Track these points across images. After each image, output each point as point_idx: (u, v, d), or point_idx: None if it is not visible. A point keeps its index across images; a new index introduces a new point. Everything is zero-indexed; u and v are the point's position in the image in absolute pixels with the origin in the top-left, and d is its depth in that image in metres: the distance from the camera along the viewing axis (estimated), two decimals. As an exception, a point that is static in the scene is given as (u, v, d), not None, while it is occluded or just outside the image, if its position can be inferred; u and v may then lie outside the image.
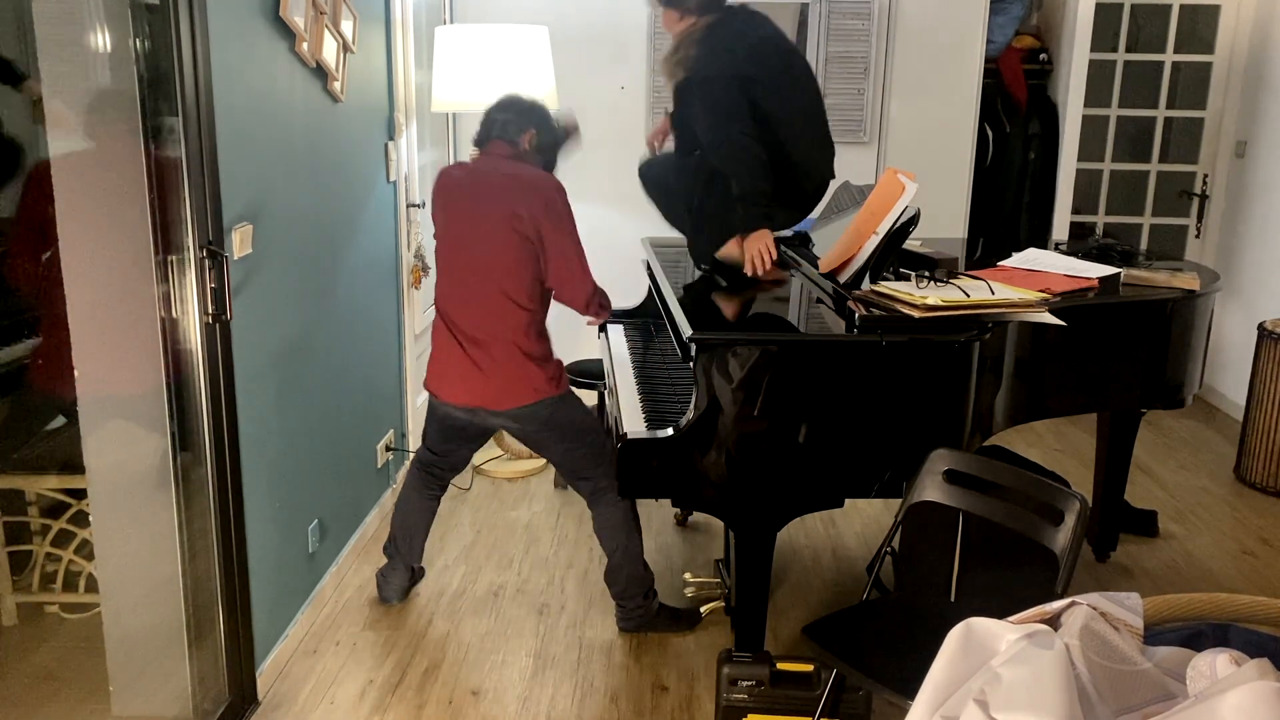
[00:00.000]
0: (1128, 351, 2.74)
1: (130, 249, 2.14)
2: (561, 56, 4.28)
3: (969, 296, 2.37)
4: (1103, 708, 1.14)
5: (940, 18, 4.47)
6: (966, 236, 4.62)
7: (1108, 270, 2.88)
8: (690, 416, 2.24)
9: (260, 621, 2.54)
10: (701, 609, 2.87)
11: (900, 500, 2.26)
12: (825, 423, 2.25)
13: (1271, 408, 3.84)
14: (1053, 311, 2.44)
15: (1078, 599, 1.28)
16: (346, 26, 2.99)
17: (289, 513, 2.73)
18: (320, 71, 2.84)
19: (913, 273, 2.52)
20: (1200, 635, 1.35)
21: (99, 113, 2.11)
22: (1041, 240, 3.84)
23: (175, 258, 2.16)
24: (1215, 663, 1.14)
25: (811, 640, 2.03)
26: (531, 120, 2.71)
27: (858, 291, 2.44)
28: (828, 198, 3.02)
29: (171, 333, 2.20)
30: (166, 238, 2.15)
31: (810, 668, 2.25)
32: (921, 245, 2.98)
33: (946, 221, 4.67)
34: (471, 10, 4.43)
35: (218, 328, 2.23)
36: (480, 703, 2.55)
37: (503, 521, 3.57)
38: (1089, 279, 2.77)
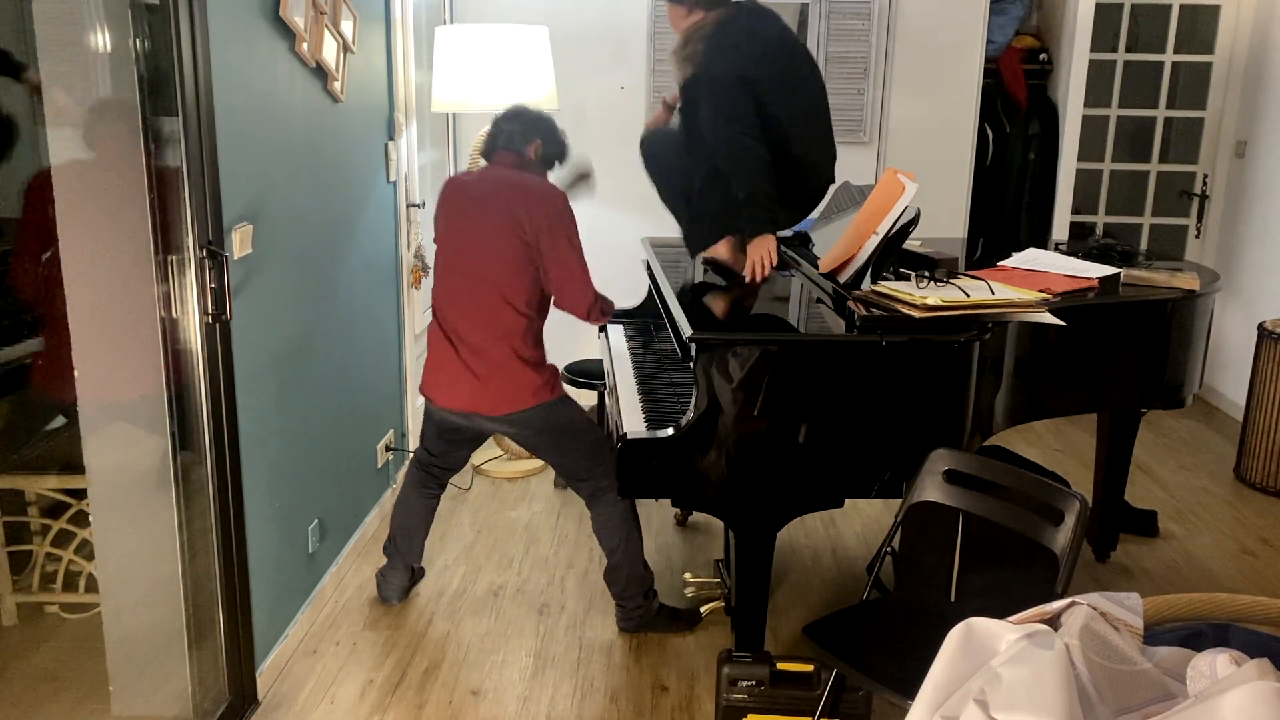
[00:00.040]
0: (1128, 352, 2.74)
1: (130, 249, 2.14)
2: (561, 56, 4.29)
3: (969, 296, 2.37)
4: (1103, 708, 1.14)
5: (940, 18, 4.48)
6: (966, 236, 4.63)
7: (1108, 270, 2.88)
8: (690, 416, 2.24)
9: (260, 621, 2.54)
10: (701, 609, 2.87)
11: (900, 500, 2.26)
12: (825, 423, 2.25)
13: (1271, 408, 3.84)
14: (1053, 311, 2.44)
15: (1078, 599, 1.28)
16: (346, 26, 2.99)
17: (289, 513, 2.73)
18: (320, 71, 2.85)
19: (913, 273, 2.52)
20: (1200, 635, 1.35)
21: (99, 113, 2.11)
22: (1041, 240, 3.83)
23: (175, 258, 2.16)
24: (1215, 663, 1.14)
25: (811, 640, 2.03)
26: (538, 131, 2.73)
27: (858, 291, 2.44)
28: (828, 198, 3.02)
29: (171, 333, 2.20)
30: (166, 238, 2.15)
31: (810, 668, 2.25)
32: (921, 245, 2.98)
33: (946, 221, 4.67)
34: (471, 10, 4.43)
35: (218, 328, 2.23)
36: (480, 703, 2.55)
37: (503, 521, 3.58)
38: (1089, 279, 2.77)
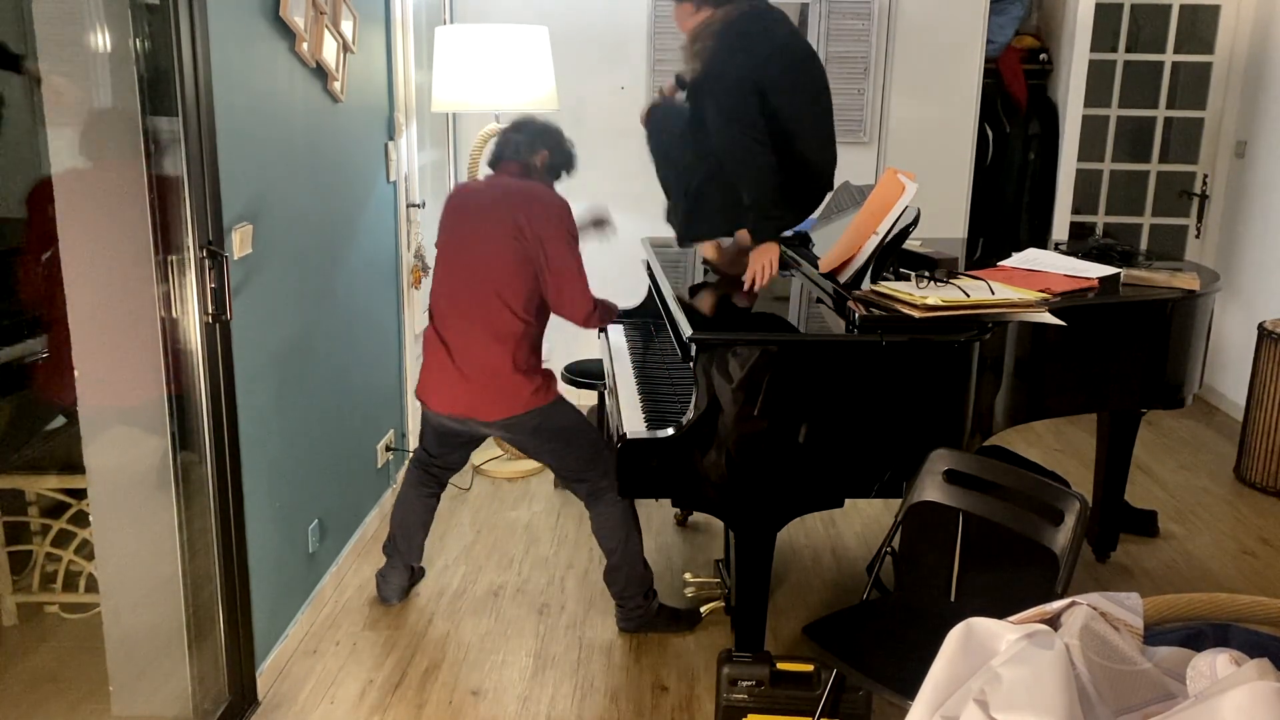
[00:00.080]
0: (1127, 352, 2.74)
1: (130, 249, 2.14)
2: (561, 56, 4.28)
3: (969, 296, 2.37)
4: (1103, 708, 1.14)
5: (940, 18, 4.48)
6: (966, 236, 4.63)
7: (1108, 270, 2.88)
8: (690, 416, 2.24)
9: (260, 621, 2.54)
10: (701, 609, 2.87)
11: (900, 500, 2.26)
12: (825, 423, 2.25)
13: (1271, 408, 3.84)
14: (1053, 311, 2.44)
15: (1078, 599, 1.28)
16: (346, 26, 2.99)
17: (289, 513, 2.73)
18: (320, 71, 2.85)
19: (913, 273, 2.52)
20: (1200, 635, 1.35)
21: (99, 113, 2.11)
22: (1041, 240, 3.84)
23: (175, 258, 2.16)
24: (1215, 663, 1.14)
25: (811, 640, 2.03)
26: (545, 142, 2.75)
27: (858, 291, 2.44)
28: (828, 198, 3.02)
29: (171, 333, 2.20)
30: (166, 238, 2.15)
31: (810, 668, 2.25)
32: (921, 245, 2.98)
33: (946, 221, 4.67)
34: (471, 10, 4.43)
35: (218, 328, 2.23)
36: (480, 703, 2.55)
37: (503, 521, 3.57)
38: (1089, 279, 2.77)
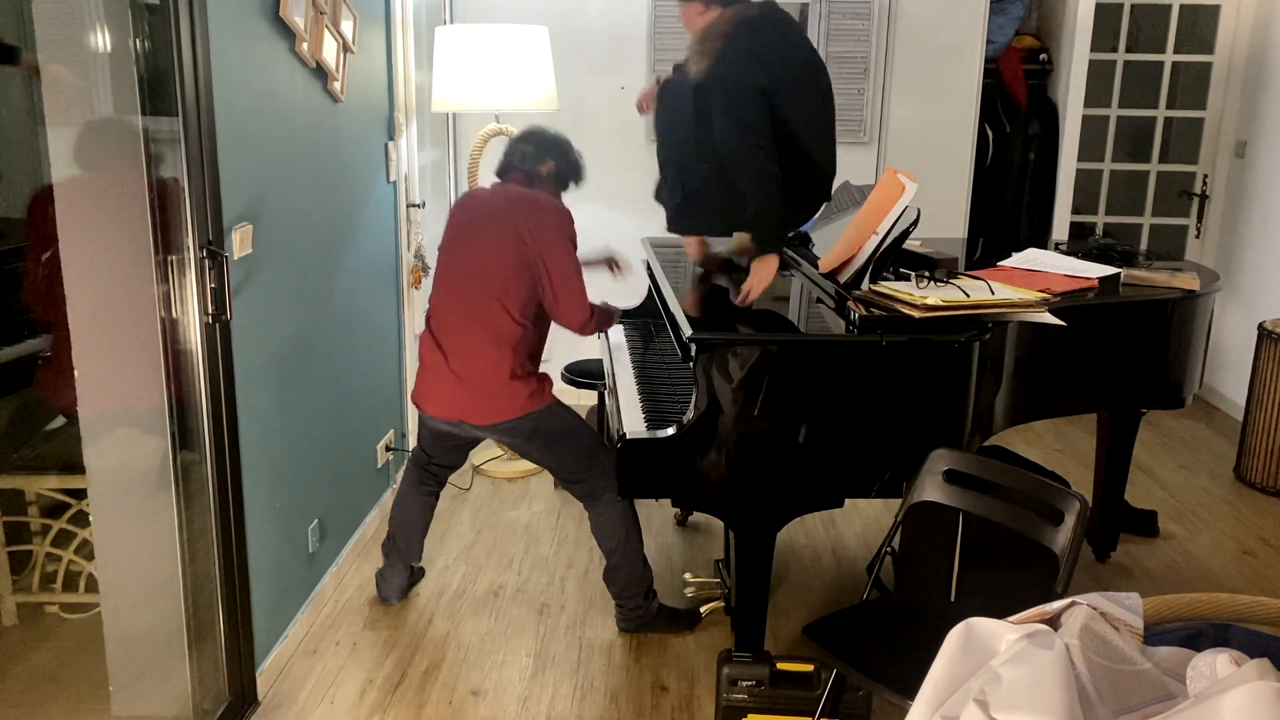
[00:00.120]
0: (1127, 351, 2.74)
1: (130, 249, 2.14)
2: (561, 56, 4.29)
3: (969, 296, 2.37)
4: (1103, 708, 1.14)
5: (940, 18, 4.48)
6: (966, 236, 4.62)
7: (1108, 270, 2.88)
8: (690, 416, 2.24)
9: (260, 621, 2.54)
10: (701, 609, 2.87)
11: (900, 500, 2.26)
12: (825, 423, 2.25)
13: (1271, 408, 3.84)
14: (1053, 311, 2.44)
15: (1078, 599, 1.28)
16: (346, 26, 2.99)
17: (289, 513, 2.73)
18: (320, 71, 2.85)
19: (913, 273, 2.52)
20: (1200, 635, 1.35)
21: (99, 113, 2.11)
22: (1041, 240, 3.83)
23: (175, 258, 2.16)
24: (1215, 663, 1.14)
25: (811, 640, 2.03)
26: (552, 153, 2.77)
27: (858, 291, 2.44)
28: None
29: (172, 333, 2.20)
30: (166, 238, 2.15)
31: (810, 668, 2.25)
32: (921, 245, 2.98)
33: (946, 221, 4.67)
34: (471, 10, 4.43)
35: (218, 328, 2.23)
36: (480, 703, 2.55)
37: (503, 521, 3.57)
38: (1089, 279, 2.77)
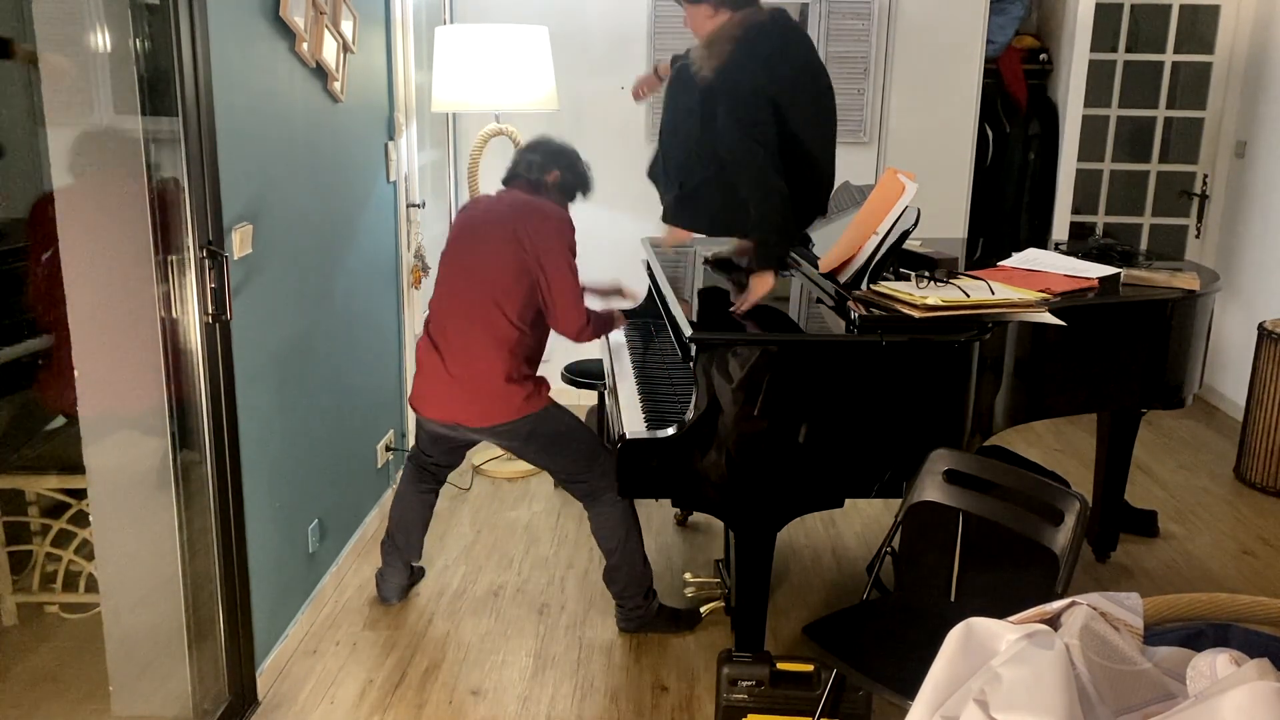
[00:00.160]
0: (1127, 351, 2.74)
1: (130, 249, 2.14)
2: (561, 56, 4.29)
3: (969, 296, 2.37)
4: (1103, 708, 1.14)
5: (940, 18, 4.48)
6: (966, 236, 4.63)
7: (1108, 270, 2.88)
8: (690, 416, 2.24)
9: (260, 621, 2.54)
10: (701, 609, 2.87)
11: (900, 500, 2.26)
12: (825, 423, 2.25)
13: (1271, 408, 3.84)
14: (1053, 311, 2.44)
15: (1078, 599, 1.28)
16: (346, 26, 2.99)
17: (289, 513, 2.73)
18: (320, 71, 2.85)
19: (913, 273, 2.52)
20: (1200, 635, 1.35)
21: (99, 113, 2.11)
22: (1041, 240, 3.83)
23: (175, 258, 2.16)
24: (1215, 663, 1.14)
25: (811, 640, 2.03)
26: (558, 163, 2.77)
27: (858, 291, 2.44)
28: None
29: (171, 333, 2.20)
30: (166, 238, 2.15)
31: (810, 668, 2.25)
32: (921, 245, 2.98)
33: (946, 221, 4.67)
34: (471, 10, 4.43)
35: (218, 328, 2.23)
36: (480, 703, 2.55)
37: (503, 521, 3.57)
38: (1089, 279, 2.77)
